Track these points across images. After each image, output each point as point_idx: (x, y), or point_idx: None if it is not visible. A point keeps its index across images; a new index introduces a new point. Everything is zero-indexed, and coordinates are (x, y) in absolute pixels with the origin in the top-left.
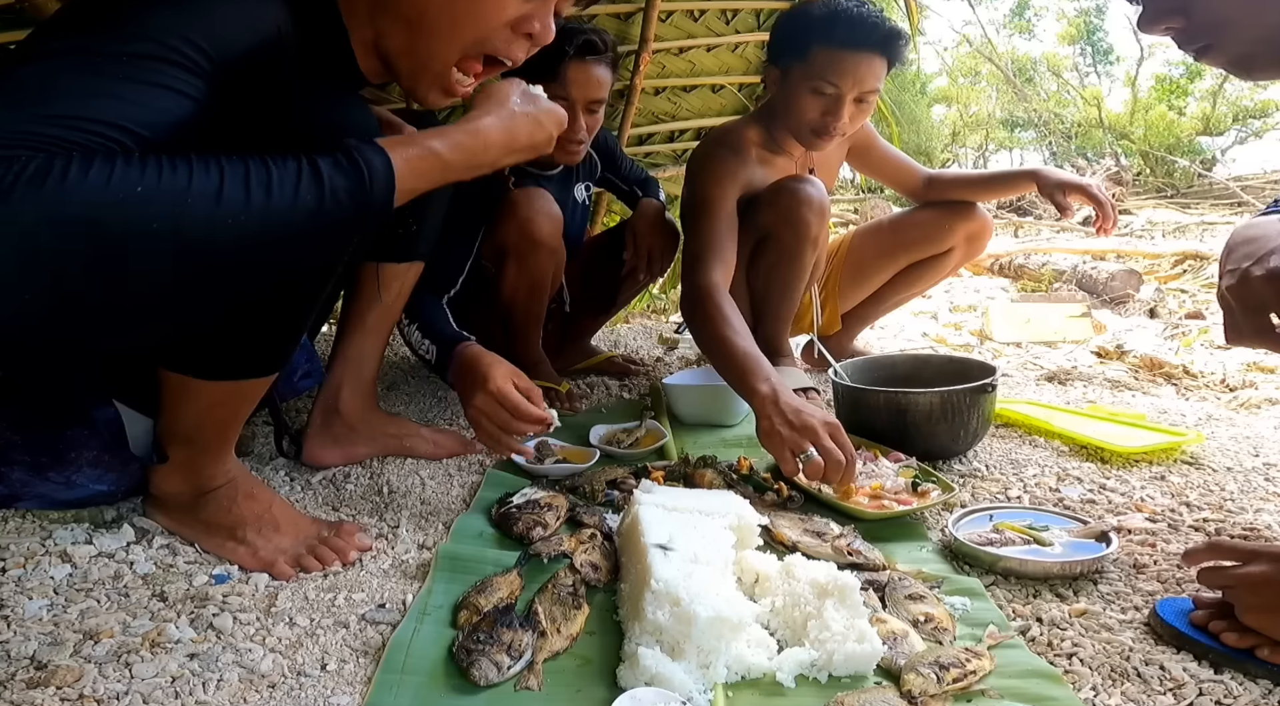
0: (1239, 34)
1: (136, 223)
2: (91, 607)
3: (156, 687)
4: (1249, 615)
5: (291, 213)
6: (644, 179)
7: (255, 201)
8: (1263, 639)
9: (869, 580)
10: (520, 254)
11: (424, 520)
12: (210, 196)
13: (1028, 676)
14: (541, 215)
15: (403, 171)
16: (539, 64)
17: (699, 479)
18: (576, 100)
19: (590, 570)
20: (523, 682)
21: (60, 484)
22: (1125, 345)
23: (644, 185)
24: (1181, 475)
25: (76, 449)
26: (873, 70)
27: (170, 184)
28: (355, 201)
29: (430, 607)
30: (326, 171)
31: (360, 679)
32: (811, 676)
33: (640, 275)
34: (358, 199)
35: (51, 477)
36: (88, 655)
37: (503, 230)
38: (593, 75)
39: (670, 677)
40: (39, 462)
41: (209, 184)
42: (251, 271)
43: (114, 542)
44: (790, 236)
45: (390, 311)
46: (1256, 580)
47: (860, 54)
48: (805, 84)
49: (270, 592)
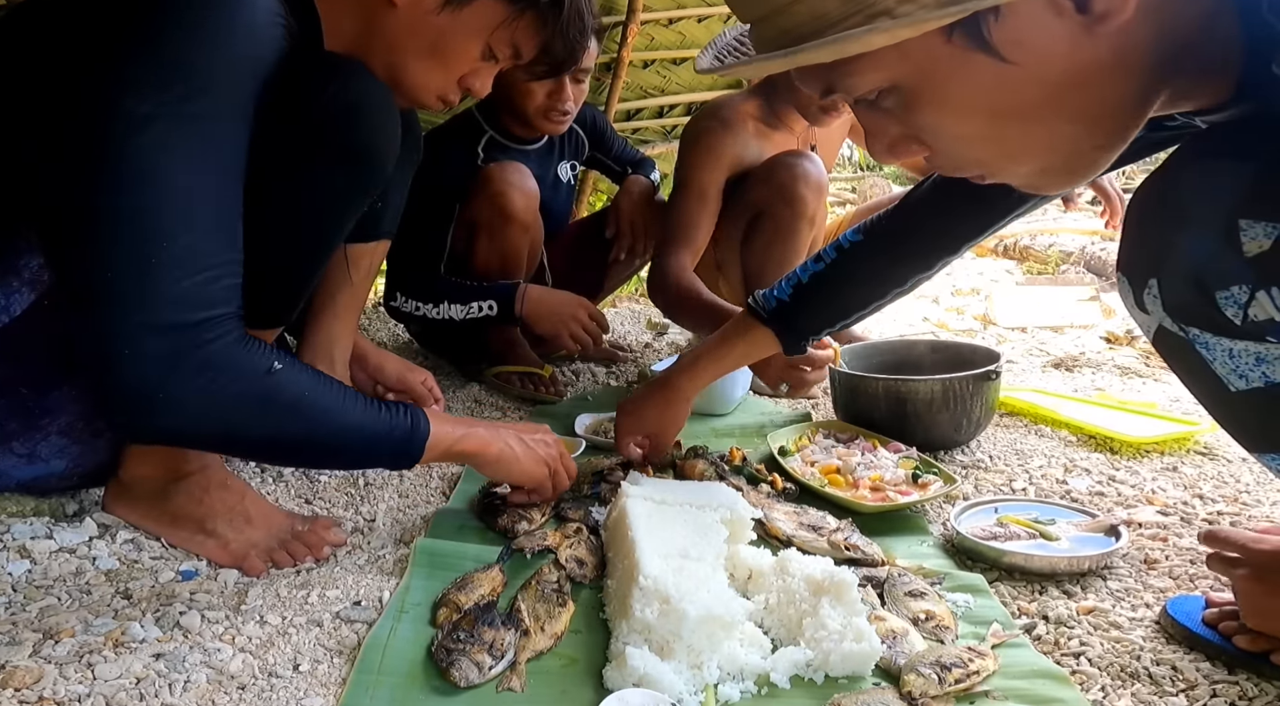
0: (1014, 161)
1: (293, 420)
2: (51, 605)
3: (120, 689)
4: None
5: (360, 439)
6: (638, 160)
7: (351, 425)
8: (1275, 642)
9: (867, 576)
10: (492, 228)
11: (401, 513)
12: (334, 416)
13: (1033, 677)
14: (515, 189)
15: (431, 453)
16: None
17: (689, 470)
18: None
19: (575, 566)
20: (505, 683)
21: (22, 456)
22: (1135, 330)
23: (637, 166)
24: (1194, 466)
25: (52, 414)
26: None
27: (314, 400)
28: (398, 454)
29: (408, 605)
30: (390, 427)
31: (334, 680)
32: (807, 677)
33: (623, 255)
34: (401, 454)
35: (14, 448)
36: (47, 655)
37: (474, 204)
38: None
39: (659, 678)
40: (5, 430)
41: (350, 411)
42: (325, 453)
43: (76, 537)
44: (786, 213)
45: (359, 293)
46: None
47: None
48: None
49: (240, 589)
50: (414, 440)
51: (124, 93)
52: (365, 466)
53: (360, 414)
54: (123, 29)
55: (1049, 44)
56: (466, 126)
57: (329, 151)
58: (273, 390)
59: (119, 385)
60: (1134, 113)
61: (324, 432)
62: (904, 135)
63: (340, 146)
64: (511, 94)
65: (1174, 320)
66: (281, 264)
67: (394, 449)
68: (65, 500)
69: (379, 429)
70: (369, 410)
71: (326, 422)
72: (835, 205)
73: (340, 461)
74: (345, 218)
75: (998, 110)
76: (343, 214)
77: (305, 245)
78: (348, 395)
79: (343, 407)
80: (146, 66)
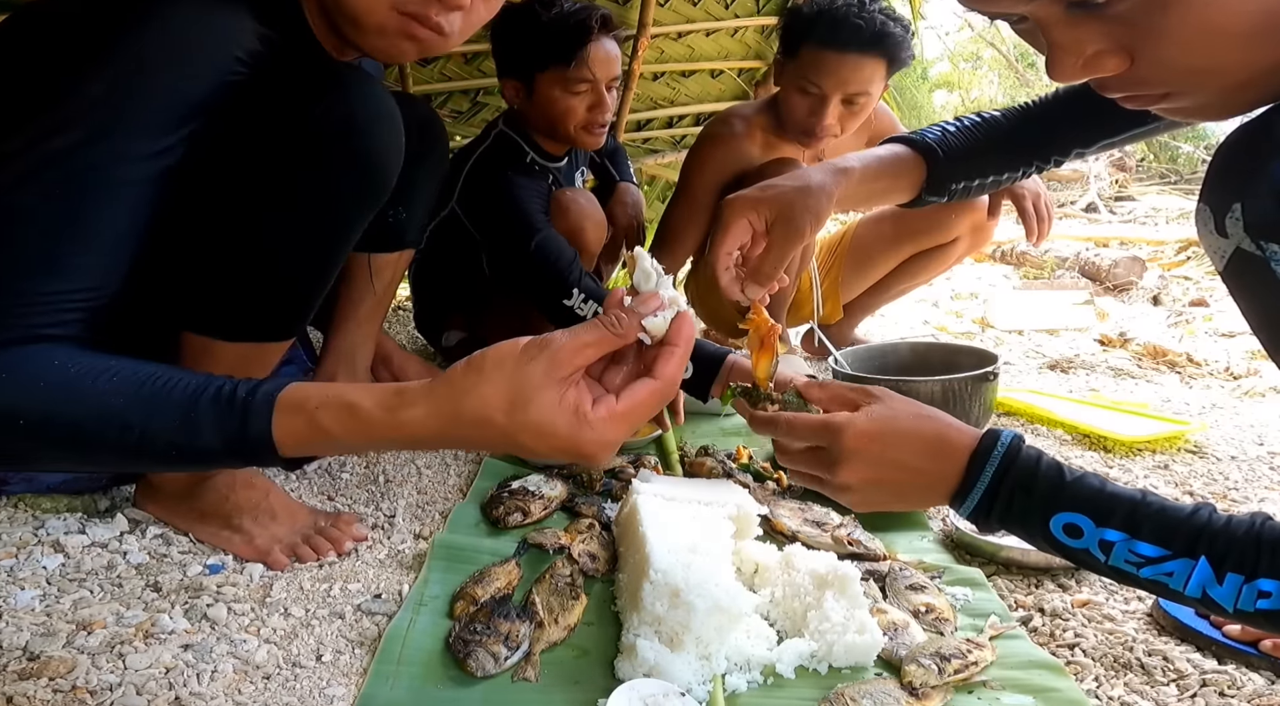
0: (1209, 82)
1: (45, 426)
2: (84, 598)
3: (150, 678)
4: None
5: (166, 446)
6: (612, 149)
7: (136, 430)
8: (1262, 633)
9: (869, 570)
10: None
11: (420, 510)
12: (106, 421)
13: (1030, 667)
14: (590, 222)
15: (283, 441)
16: (562, 47)
17: (698, 468)
18: (601, 79)
19: (588, 560)
20: (520, 674)
21: None
22: (1128, 333)
23: (612, 156)
24: (1185, 464)
25: None
26: (860, 72)
27: (80, 402)
28: (230, 453)
29: (426, 598)
30: (207, 421)
31: (356, 670)
32: (811, 667)
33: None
34: (234, 452)
35: None
36: (80, 646)
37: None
38: (612, 52)
39: (668, 668)
40: None
41: (109, 408)
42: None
43: (107, 532)
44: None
45: (382, 301)
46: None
47: (846, 55)
48: (794, 82)
49: (265, 583)
50: (245, 440)
51: (6, 134)
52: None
53: (141, 413)
54: (33, 67)
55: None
56: (512, 150)
57: (331, 162)
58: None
59: None
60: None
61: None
62: (1109, 48)
63: (341, 156)
64: (549, 115)
65: (1253, 239)
66: (288, 276)
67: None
68: (97, 497)
69: (167, 433)
70: (161, 408)
71: (70, 425)
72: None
73: (120, 461)
74: (351, 228)
75: (1261, 14)
76: (348, 224)
77: (312, 257)
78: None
79: (103, 408)
80: (34, 105)
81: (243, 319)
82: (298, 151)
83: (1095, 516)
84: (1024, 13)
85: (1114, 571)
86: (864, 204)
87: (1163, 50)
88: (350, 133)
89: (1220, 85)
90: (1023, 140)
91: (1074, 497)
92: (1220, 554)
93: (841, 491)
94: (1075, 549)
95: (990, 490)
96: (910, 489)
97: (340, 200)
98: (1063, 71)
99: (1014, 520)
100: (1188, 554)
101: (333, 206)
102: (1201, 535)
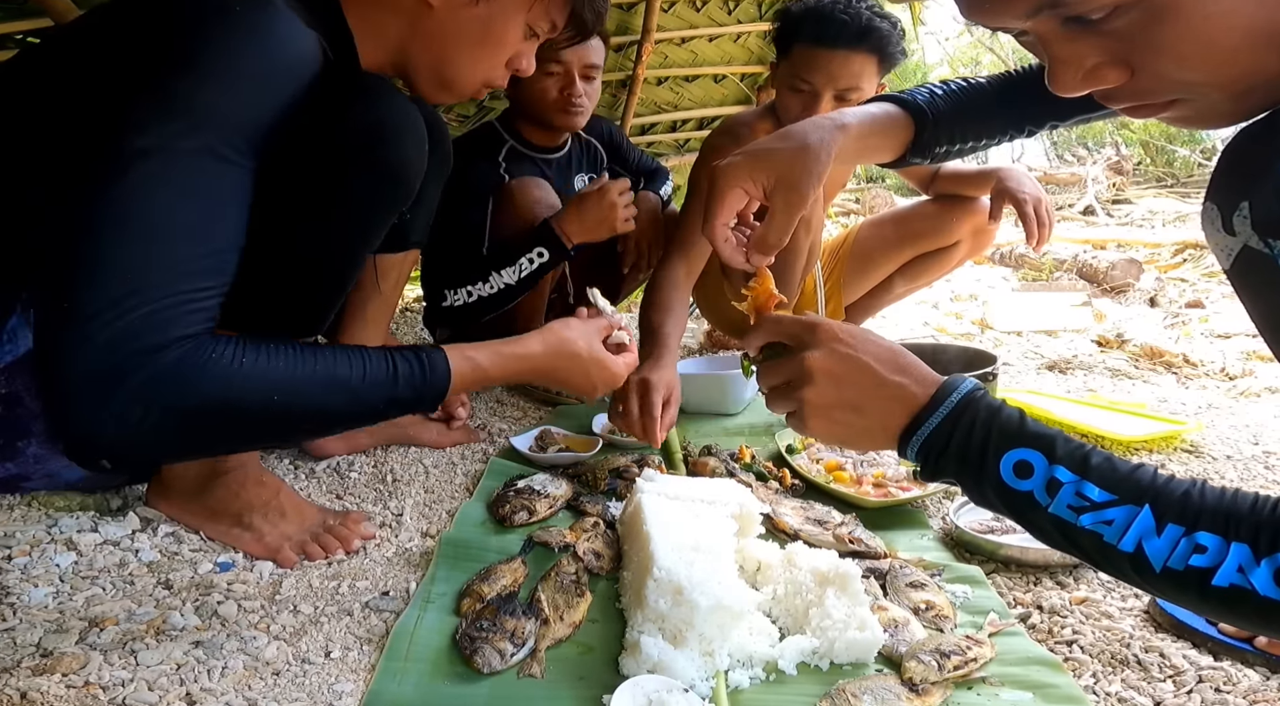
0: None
1: (279, 403)
2: (96, 595)
3: (161, 675)
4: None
5: (373, 398)
6: (653, 169)
7: (354, 386)
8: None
9: (870, 568)
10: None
11: (427, 508)
12: (328, 382)
13: (1028, 664)
14: (540, 205)
15: (455, 383)
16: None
17: (701, 467)
18: (571, 63)
19: (593, 558)
20: (525, 670)
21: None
22: (1125, 334)
23: (652, 175)
24: (1181, 464)
25: None
26: (849, 68)
27: (304, 373)
28: (417, 400)
29: (433, 595)
30: (403, 372)
31: (364, 666)
32: (813, 664)
33: (626, 269)
34: (421, 397)
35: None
36: (93, 642)
37: (500, 218)
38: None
39: (672, 665)
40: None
41: (331, 372)
42: (333, 419)
43: (119, 530)
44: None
45: (388, 301)
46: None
47: (835, 51)
48: (787, 82)
49: (274, 580)
50: (430, 385)
51: (126, 131)
52: (383, 420)
53: (359, 377)
54: (139, 72)
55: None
56: (487, 138)
57: (357, 168)
58: (235, 390)
59: (65, 410)
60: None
61: (309, 408)
62: (1108, 61)
63: (368, 163)
64: (527, 97)
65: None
66: (312, 277)
67: (410, 399)
68: (110, 495)
69: (380, 389)
70: (371, 371)
71: (310, 399)
72: (840, 215)
73: (349, 422)
74: (374, 232)
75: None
76: (371, 228)
77: (335, 259)
78: (339, 362)
79: (330, 379)
80: (149, 106)
81: (268, 319)
82: (326, 160)
83: (1049, 454)
84: (1023, 28)
85: (1052, 520)
86: (854, 160)
87: (1161, 63)
88: (377, 142)
89: (1222, 95)
90: (1004, 109)
91: (1033, 435)
92: (1163, 506)
93: (806, 381)
94: (1019, 492)
95: (953, 415)
96: (873, 399)
97: (367, 207)
98: (1064, 84)
99: (967, 455)
100: (1133, 501)
101: (359, 213)
102: (1149, 487)
